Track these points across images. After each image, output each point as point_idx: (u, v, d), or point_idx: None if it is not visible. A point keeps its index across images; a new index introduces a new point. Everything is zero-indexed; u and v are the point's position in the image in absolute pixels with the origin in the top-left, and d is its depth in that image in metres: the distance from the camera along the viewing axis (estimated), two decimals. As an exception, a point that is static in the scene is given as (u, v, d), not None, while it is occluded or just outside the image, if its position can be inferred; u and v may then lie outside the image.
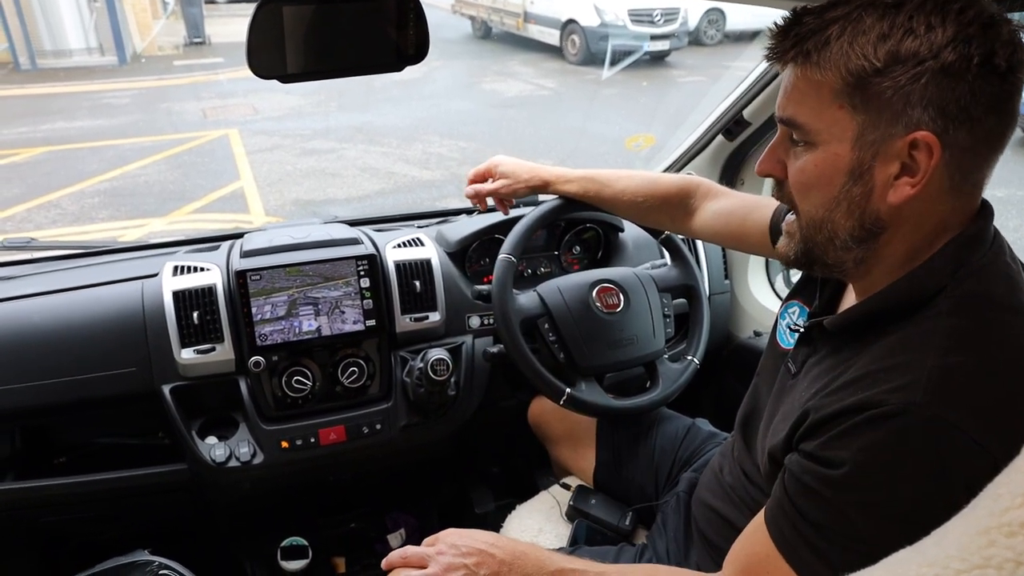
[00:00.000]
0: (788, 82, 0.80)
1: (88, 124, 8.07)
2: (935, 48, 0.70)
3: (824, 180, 0.79)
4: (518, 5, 11.74)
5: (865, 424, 0.73)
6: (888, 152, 0.74)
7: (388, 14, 1.11)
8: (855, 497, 0.73)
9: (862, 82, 0.73)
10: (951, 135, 0.72)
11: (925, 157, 0.72)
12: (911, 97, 0.71)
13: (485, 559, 0.99)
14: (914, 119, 0.72)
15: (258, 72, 1.06)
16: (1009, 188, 6.02)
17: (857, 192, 0.77)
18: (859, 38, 0.72)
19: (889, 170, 0.75)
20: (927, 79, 0.70)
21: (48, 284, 1.53)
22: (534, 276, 1.86)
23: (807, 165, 0.79)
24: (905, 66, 0.71)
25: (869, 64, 0.72)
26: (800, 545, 0.77)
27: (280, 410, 1.51)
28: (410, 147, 7.26)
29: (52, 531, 1.67)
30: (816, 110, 0.77)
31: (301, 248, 1.53)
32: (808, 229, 0.83)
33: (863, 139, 0.75)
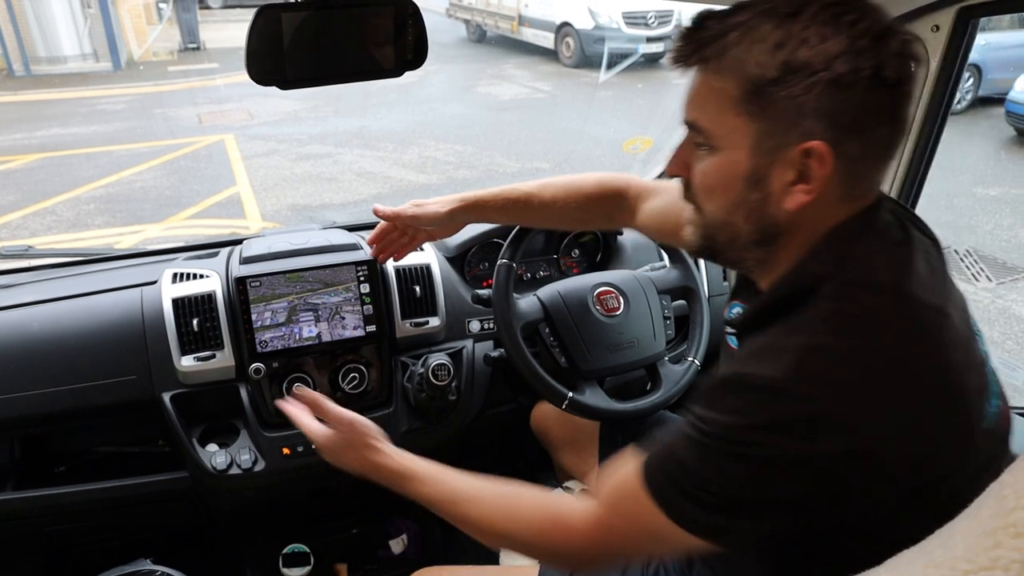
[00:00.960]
0: (692, 86, 0.81)
1: (83, 130, 8.06)
2: (827, 59, 0.71)
3: (724, 185, 0.80)
4: (512, 8, 11.76)
5: (732, 390, 0.76)
6: (784, 160, 0.75)
7: (386, 20, 1.11)
8: (713, 449, 0.76)
9: (758, 90, 0.74)
10: (843, 145, 0.73)
11: (818, 166, 0.74)
12: (804, 107, 0.72)
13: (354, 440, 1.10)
14: (807, 129, 0.73)
15: (257, 79, 1.06)
16: (1003, 187, 6.05)
17: (755, 198, 0.79)
18: (755, 46, 0.73)
19: (785, 177, 0.76)
20: (820, 90, 0.71)
21: (47, 292, 1.53)
22: (533, 280, 1.86)
23: (708, 169, 0.81)
24: (798, 76, 0.71)
25: (764, 73, 0.73)
26: (660, 476, 0.80)
27: (281, 417, 1.50)
28: (406, 151, 7.27)
29: (53, 541, 1.66)
30: (716, 116, 0.78)
31: (301, 254, 1.53)
32: (709, 228, 0.85)
33: (760, 147, 0.76)
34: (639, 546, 0.87)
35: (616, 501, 0.87)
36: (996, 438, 0.79)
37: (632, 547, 0.88)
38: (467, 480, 1.02)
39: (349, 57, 1.12)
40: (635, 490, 0.82)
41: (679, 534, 0.78)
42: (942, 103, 1.34)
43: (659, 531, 0.80)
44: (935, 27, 1.28)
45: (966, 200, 5.66)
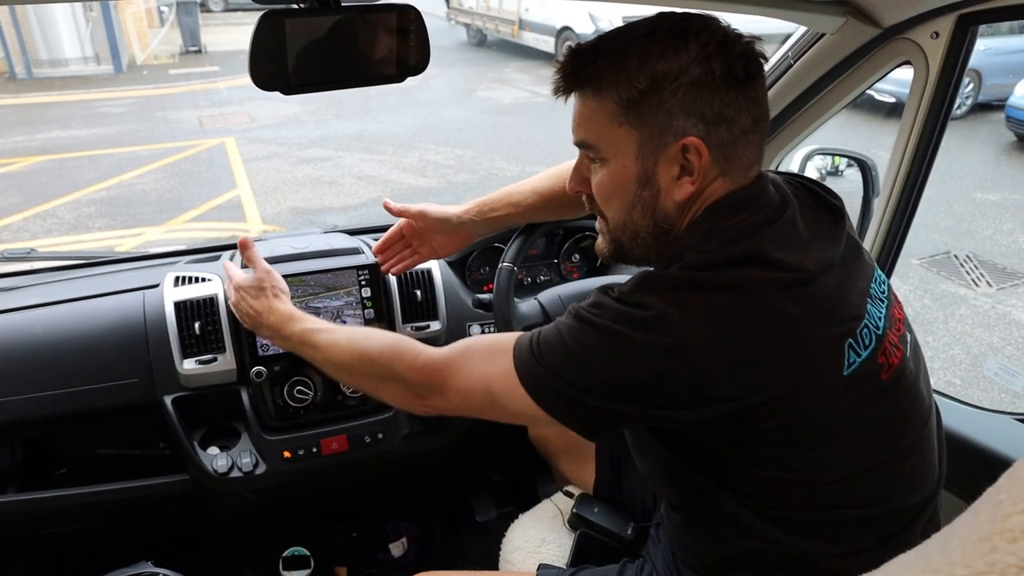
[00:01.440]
0: (576, 110, 0.92)
1: (84, 133, 8.08)
2: (683, 66, 0.83)
3: (619, 189, 0.91)
4: (513, 13, 11.79)
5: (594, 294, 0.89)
6: (666, 157, 0.87)
7: (389, 25, 1.12)
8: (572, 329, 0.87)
9: (633, 102, 0.85)
10: (713, 136, 0.85)
11: (696, 158, 0.85)
12: (673, 109, 0.84)
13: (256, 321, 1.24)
14: (680, 127, 0.85)
15: (261, 84, 1.06)
16: (1002, 192, 6.06)
17: (648, 195, 0.90)
18: (623, 66, 0.85)
19: (671, 172, 0.87)
20: (683, 93, 0.83)
21: (49, 295, 1.53)
22: (534, 284, 1.86)
23: (604, 178, 0.92)
24: (663, 84, 0.83)
25: (634, 88, 0.84)
26: (524, 339, 0.91)
27: (282, 420, 1.51)
28: (407, 155, 7.28)
29: (55, 543, 1.66)
30: (601, 131, 0.89)
31: (302, 258, 1.53)
32: (615, 231, 0.96)
33: (643, 150, 0.87)
34: (476, 388, 0.94)
35: (470, 348, 0.98)
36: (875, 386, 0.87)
37: (469, 388, 0.95)
38: (347, 329, 1.16)
39: (352, 62, 1.13)
40: (498, 347, 0.93)
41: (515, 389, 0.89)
42: (941, 109, 1.35)
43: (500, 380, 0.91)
44: (935, 34, 1.28)
45: (966, 205, 5.67)
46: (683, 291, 0.83)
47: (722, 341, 0.81)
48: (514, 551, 1.41)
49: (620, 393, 0.84)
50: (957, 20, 1.26)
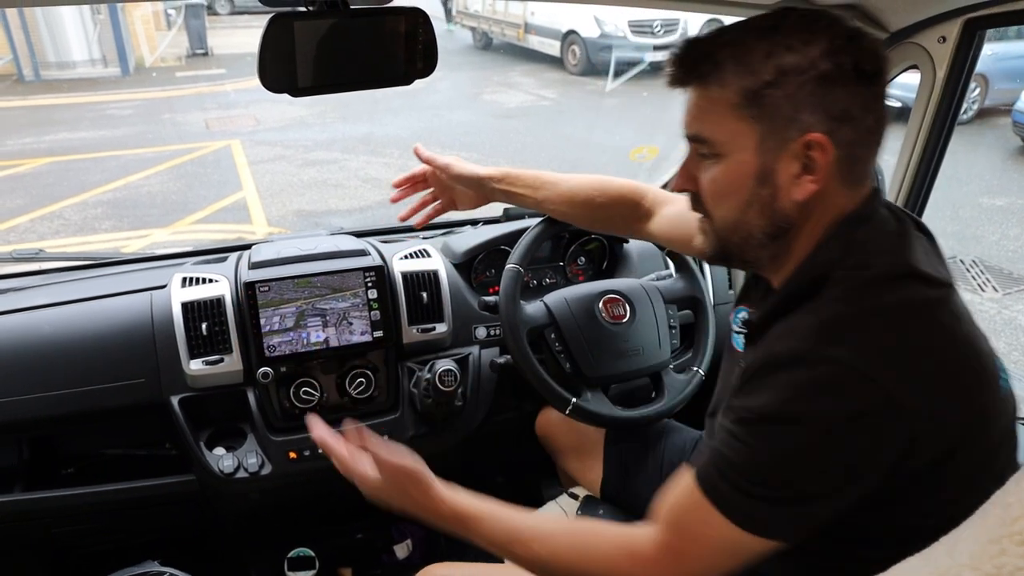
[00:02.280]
0: (691, 103, 0.88)
1: (91, 135, 8.11)
2: (812, 60, 0.79)
3: (735, 186, 0.87)
4: (518, 16, 11.80)
5: (764, 374, 0.81)
6: (788, 154, 0.83)
7: (398, 28, 1.12)
8: (764, 432, 0.80)
9: (756, 95, 0.81)
10: (838, 133, 0.81)
11: (820, 155, 0.81)
12: (799, 104, 0.80)
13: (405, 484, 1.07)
14: (805, 123, 0.81)
15: (269, 86, 1.07)
16: (1009, 197, 6.04)
17: (766, 193, 0.85)
18: (747, 57, 0.82)
19: (791, 170, 0.83)
20: (811, 87, 0.80)
21: (57, 295, 1.54)
22: (539, 287, 1.86)
23: (718, 175, 0.88)
24: (789, 77, 0.80)
25: (759, 79, 0.81)
26: (719, 482, 0.82)
27: (288, 421, 1.52)
28: (412, 158, 7.14)
29: (61, 542, 1.67)
30: (719, 124, 0.85)
31: (309, 260, 1.54)
32: (724, 231, 0.91)
33: (764, 145, 0.83)
34: (712, 563, 0.85)
35: (679, 520, 0.87)
36: (1009, 412, 0.84)
37: (706, 566, 0.86)
38: (528, 518, 1.01)
39: (360, 65, 1.13)
40: (695, 502, 0.83)
41: (745, 539, 0.80)
42: (948, 113, 1.35)
43: (727, 541, 0.81)
44: (942, 38, 1.29)
45: (972, 210, 5.65)
46: (868, 329, 0.77)
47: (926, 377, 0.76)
48: (519, 553, 1.41)
49: (848, 479, 0.78)
50: (964, 24, 1.26)
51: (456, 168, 1.44)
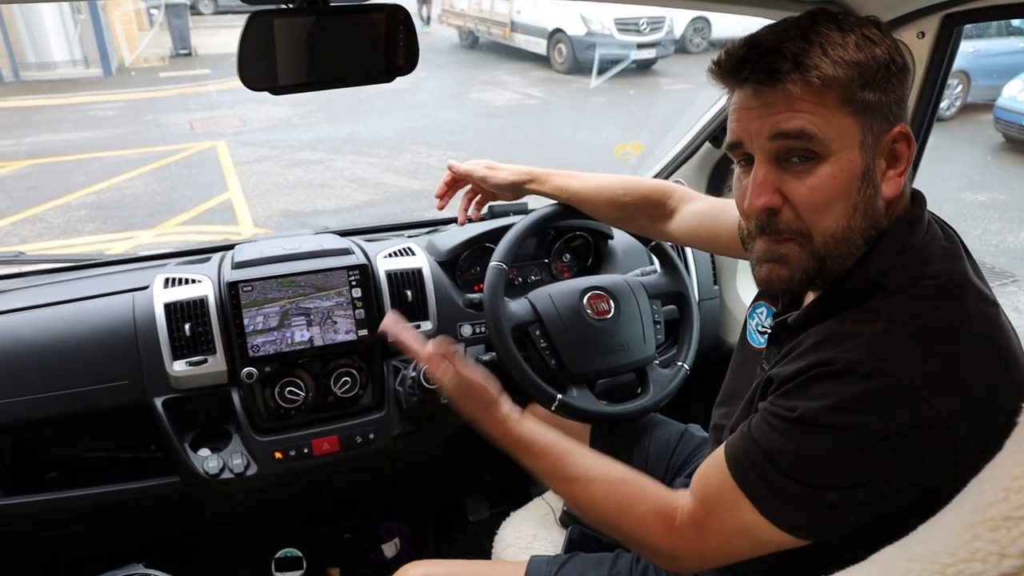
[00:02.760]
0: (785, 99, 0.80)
1: (74, 136, 8.04)
2: (891, 53, 0.80)
3: (844, 190, 0.80)
4: (505, 15, 11.80)
5: (815, 378, 0.79)
6: (880, 149, 0.82)
7: (378, 25, 1.12)
8: (805, 433, 0.78)
9: (860, 89, 0.79)
10: (906, 123, 0.83)
11: (905, 147, 0.82)
12: (891, 96, 0.81)
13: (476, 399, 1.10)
14: (893, 115, 0.81)
15: (249, 84, 1.06)
16: (991, 192, 6.10)
17: (869, 194, 0.82)
18: (839, 51, 0.78)
19: (882, 166, 0.82)
20: (895, 80, 0.81)
21: (38, 298, 1.53)
22: (525, 284, 1.87)
23: (823, 180, 0.80)
24: (882, 71, 0.79)
25: (861, 72, 0.79)
26: (750, 470, 0.82)
27: (273, 421, 1.51)
28: (399, 157, 7.28)
29: (45, 546, 1.66)
30: (827, 119, 0.79)
31: (293, 259, 1.53)
32: (826, 246, 0.83)
33: (866, 141, 0.81)
34: (733, 545, 0.87)
35: (708, 496, 0.88)
36: None
37: (726, 546, 0.87)
38: (581, 459, 1.04)
39: (341, 63, 1.13)
40: (725, 483, 0.85)
41: (766, 528, 0.81)
42: (928, 108, 1.36)
43: (750, 527, 0.83)
44: (920, 33, 1.30)
45: (954, 206, 5.70)
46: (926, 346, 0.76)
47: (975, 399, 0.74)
48: (506, 547, 1.41)
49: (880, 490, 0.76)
50: (943, 20, 1.27)
51: (493, 179, 1.50)
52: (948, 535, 0.60)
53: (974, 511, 0.59)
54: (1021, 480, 0.58)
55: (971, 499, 0.61)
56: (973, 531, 0.57)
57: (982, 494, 0.59)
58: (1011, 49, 8.56)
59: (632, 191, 1.44)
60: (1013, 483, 0.59)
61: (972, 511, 0.59)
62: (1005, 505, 0.57)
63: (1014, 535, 0.56)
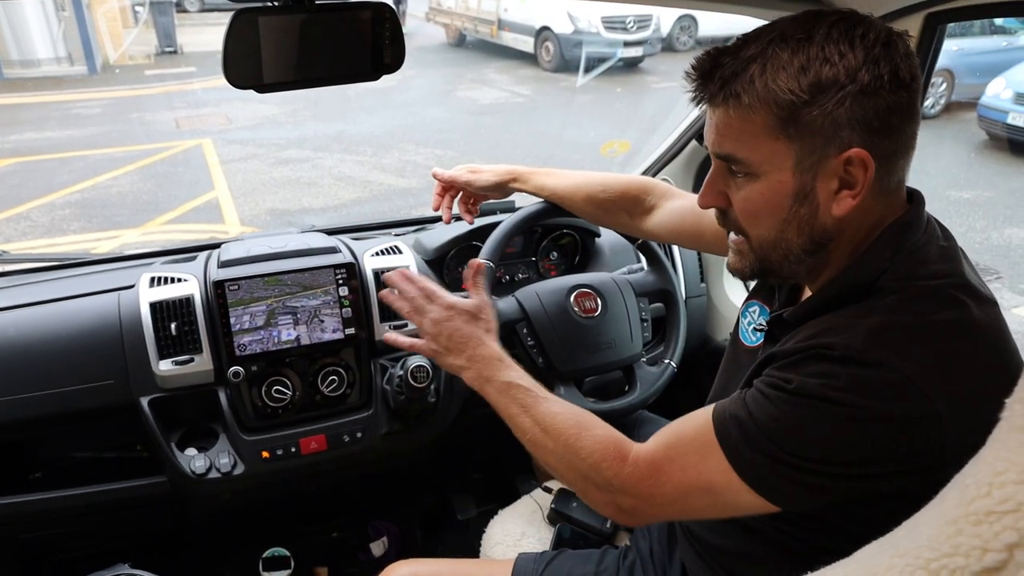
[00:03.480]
0: (719, 121, 0.84)
1: (58, 135, 7.96)
2: (851, 72, 0.76)
3: (772, 206, 0.84)
4: (492, 13, 11.78)
5: (813, 358, 0.80)
6: (826, 172, 0.80)
7: (364, 23, 1.12)
8: (797, 403, 0.79)
9: (793, 114, 0.78)
10: (877, 146, 0.79)
11: (860, 171, 0.79)
12: (839, 120, 0.77)
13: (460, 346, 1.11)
14: (845, 139, 0.78)
15: (234, 82, 1.06)
16: (975, 190, 6.15)
17: (805, 212, 0.83)
18: (780, 73, 0.78)
19: (830, 187, 0.81)
20: (850, 102, 0.77)
21: (22, 297, 1.51)
22: (512, 282, 1.87)
23: (753, 195, 0.85)
24: (828, 93, 0.77)
25: (797, 97, 0.77)
26: (733, 428, 0.83)
27: (260, 420, 1.51)
28: (386, 155, 7.26)
29: (30, 547, 1.64)
30: (753, 145, 0.82)
31: (279, 257, 1.52)
32: (762, 250, 0.88)
33: (802, 165, 0.81)
34: (688, 499, 0.87)
35: (676, 445, 0.89)
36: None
37: (681, 499, 0.88)
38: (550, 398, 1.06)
39: (327, 61, 1.13)
40: (703, 437, 0.85)
41: (736, 489, 0.81)
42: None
43: (714, 485, 0.83)
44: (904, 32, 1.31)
45: (939, 203, 5.75)
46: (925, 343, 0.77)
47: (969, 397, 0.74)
48: (494, 545, 1.42)
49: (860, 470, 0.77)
50: (925, 19, 1.28)
51: (477, 182, 1.52)
52: (931, 530, 0.60)
53: (957, 506, 0.59)
54: (1003, 475, 0.58)
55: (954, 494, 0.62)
56: (956, 526, 0.57)
57: (965, 489, 0.60)
58: (994, 47, 8.65)
59: (610, 187, 1.44)
60: (995, 478, 0.59)
61: (955, 506, 0.59)
62: (987, 500, 0.57)
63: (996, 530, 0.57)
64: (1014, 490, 0.57)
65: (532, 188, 1.50)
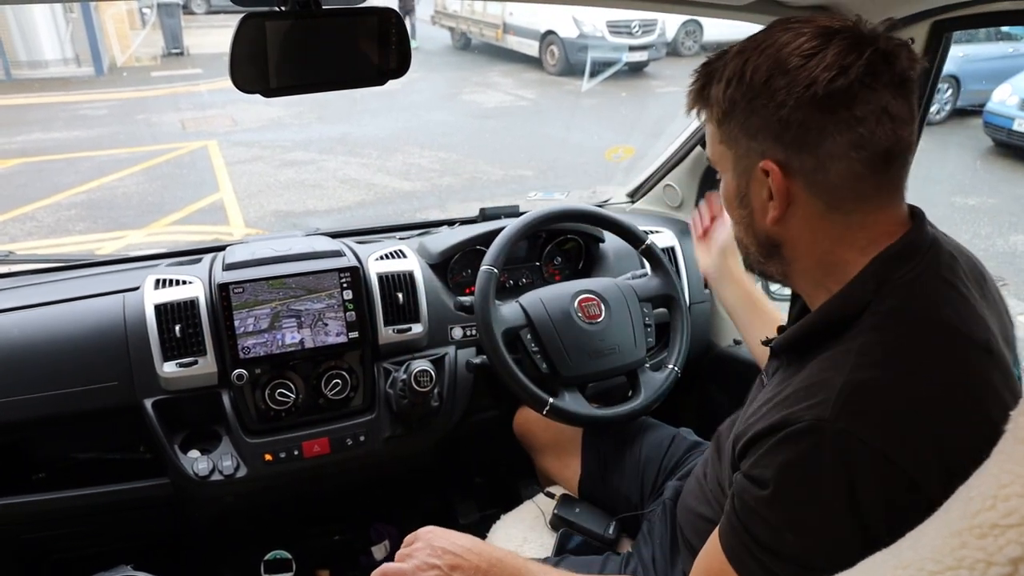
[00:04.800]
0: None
1: (64, 135, 7.99)
2: (769, 84, 0.77)
3: (727, 205, 0.91)
4: (497, 16, 11.80)
5: (783, 441, 0.76)
6: (755, 179, 0.83)
7: (370, 28, 1.12)
8: (783, 516, 0.76)
9: (724, 121, 0.84)
10: (795, 161, 0.79)
11: (774, 182, 0.80)
12: (751, 131, 0.81)
13: (460, 563, 1.00)
14: (758, 150, 0.81)
15: (241, 86, 1.06)
16: (980, 196, 6.14)
17: (745, 214, 0.88)
18: (719, 84, 0.83)
19: (762, 195, 0.83)
20: (763, 114, 0.78)
21: (27, 298, 1.52)
22: (516, 287, 1.87)
23: (721, 193, 0.93)
24: (741, 104, 0.80)
25: (720, 109, 0.83)
26: (750, 561, 0.79)
27: (263, 423, 1.51)
28: (390, 158, 7.27)
29: (33, 548, 1.65)
30: (713, 149, 0.89)
31: (284, 260, 1.53)
32: (739, 245, 0.95)
33: (737, 168, 0.86)
34: None
35: None
36: None
37: None
38: None
39: (332, 65, 1.13)
40: (724, 570, 0.82)
41: None
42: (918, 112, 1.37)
43: None
44: (910, 40, 1.30)
45: (944, 210, 5.74)
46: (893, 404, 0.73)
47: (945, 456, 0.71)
48: (496, 552, 1.41)
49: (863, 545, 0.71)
50: (932, 26, 1.28)
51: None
52: (936, 542, 0.60)
53: (961, 518, 0.59)
54: (1008, 488, 0.58)
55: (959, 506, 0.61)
56: (960, 538, 0.57)
57: (969, 501, 0.59)
58: (1000, 54, 8.62)
59: None
60: (1000, 491, 0.59)
61: (960, 518, 0.59)
62: (992, 513, 0.57)
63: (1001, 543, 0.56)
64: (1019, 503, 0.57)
65: None
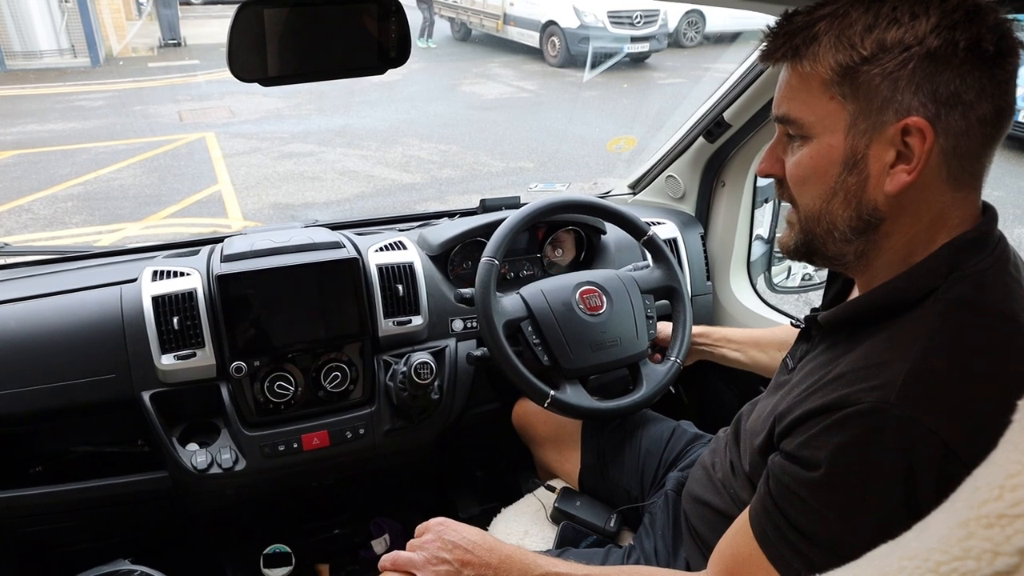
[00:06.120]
0: (782, 80, 0.82)
1: (60, 127, 7.95)
2: (920, 35, 0.71)
3: (819, 172, 0.80)
4: (498, 7, 11.76)
5: (840, 422, 0.73)
6: (881, 139, 0.75)
7: (369, 17, 1.11)
8: (832, 499, 0.74)
9: (850, 72, 0.74)
10: (943, 120, 0.72)
11: (918, 142, 0.73)
12: (899, 83, 0.72)
13: (470, 559, 1.00)
14: (904, 105, 0.73)
15: (239, 75, 1.05)
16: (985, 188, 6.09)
17: (852, 182, 0.78)
18: (846, 31, 0.74)
19: (885, 158, 0.75)
20: (914, 65, 0.71)
21: (24, 290, 1.51)
22: (517, 279, 1.86)
23: (802, 159, 0.81)
24: (891, 53, 0.72)
25: (856, 54, 0.74)
26: (783, 545, 0.78)
27: (262, 416, 1.50)
28: (390, 150, 7.24)
29: (31, 541, 1.64)
30: (808, 103, 0.79)
31: (283, 252, 1.52)
32: (807, 222, 0.84)
33: (855, 128, 0.76)
34: None
35: (735, 570, 0.85)
36: None
37: None
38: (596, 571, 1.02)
39: (331, 54, 1.12)
40: (754, 556, 0.81)
41: None
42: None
43: None
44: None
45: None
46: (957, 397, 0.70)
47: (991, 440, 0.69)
48: (497, 545, 1.41)
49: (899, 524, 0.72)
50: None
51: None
52: (942, 532, 0.59)
53: (968, 508, 0.58)
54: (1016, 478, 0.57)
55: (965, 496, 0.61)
56: (967, 528, 0.56)
57: (976, 491, 0.58)
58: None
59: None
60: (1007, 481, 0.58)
61: (966, 508, 0.58)
62: (999, 503, 0.56)
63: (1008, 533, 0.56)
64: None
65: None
